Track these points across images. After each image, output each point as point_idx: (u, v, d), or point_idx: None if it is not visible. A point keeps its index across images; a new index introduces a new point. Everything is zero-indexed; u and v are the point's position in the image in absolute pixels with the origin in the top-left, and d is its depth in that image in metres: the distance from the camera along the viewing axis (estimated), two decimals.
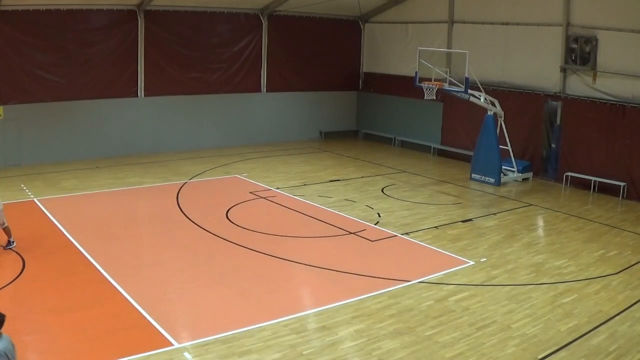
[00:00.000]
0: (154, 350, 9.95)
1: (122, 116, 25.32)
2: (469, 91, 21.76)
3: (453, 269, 14.04)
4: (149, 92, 25.82)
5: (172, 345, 10.19)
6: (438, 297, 12.49)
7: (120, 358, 9.65)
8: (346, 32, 31.32)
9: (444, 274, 13.72)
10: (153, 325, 10.84)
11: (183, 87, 26.66)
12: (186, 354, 9.89)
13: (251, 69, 28.56)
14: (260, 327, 10.90)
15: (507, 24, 24.73)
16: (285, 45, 29.29)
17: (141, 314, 11.29)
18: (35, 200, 18.54)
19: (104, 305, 11.67)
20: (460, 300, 12.36)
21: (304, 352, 10.08)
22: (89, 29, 23.96)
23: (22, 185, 20.05)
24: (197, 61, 26.89)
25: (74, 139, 24.25)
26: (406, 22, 29.14)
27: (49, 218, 16.84)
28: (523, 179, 23.21)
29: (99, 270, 13.26)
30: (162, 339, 10.36)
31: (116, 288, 12.39)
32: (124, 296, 12.03)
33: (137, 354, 9.81)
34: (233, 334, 10.61)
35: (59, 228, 16.00)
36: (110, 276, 12.94)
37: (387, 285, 12.94)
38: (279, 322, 11.10)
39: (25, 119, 22.96)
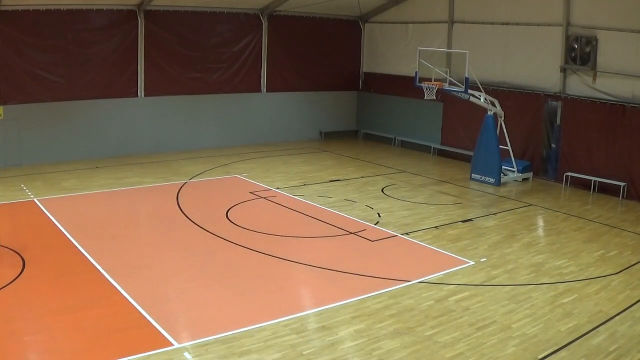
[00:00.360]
0: (154, 350, 9.95)
1: (122, 116, 25.31)
2: (469, 91, 21.76)
3: (453, 269, 14.04)
4: (149, 92, 25.82)
5: (172, 345, 10.19)
6: (438, 297, 12.49)
7: (120, 358, 9.65)
8: (346, 32, 31.31)
9: (444, 274, 13.72)
10: (153, 325, 10.83)
11: (183, 87, 26.65)
12: (186, 354, 9.89)
13: (251, 69, 28.55)
14: (260, 327, 10.90)
15: (507, 24, 24.73)
16: (285, 45, 29.28)
17: (141, 314, 11.29)
18: (35, 200, 18.54)
19: (104, 305, 11.67)
20: (460, 300, 12.36)
21: (304, 352, 10.08)
22: (89, 29, 23.94)
23: (22, 185, 20.04)
24: (197, 61, 26.89)
25: (74, 139, 24.24)
26: (406, 22, 29.14)
27: (49, 218, 16.83)
28: (523, 179, 23.20)
29: (99, 270, 13.26)
30: (162, 339, 10.36)
31: (116, 288, 12.39)
32: (124, 296, 12.03)
33: (137, 354, 9.81)
34: (233, 334, 10.61)
35: (59, 228, 15.99)
36: (110, 276, 12.94)
37: (387, 285, 12.94)
38: (279, 322, 11.10)
39: (25, 119, 22.96)
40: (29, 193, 19.23)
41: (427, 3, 28.04)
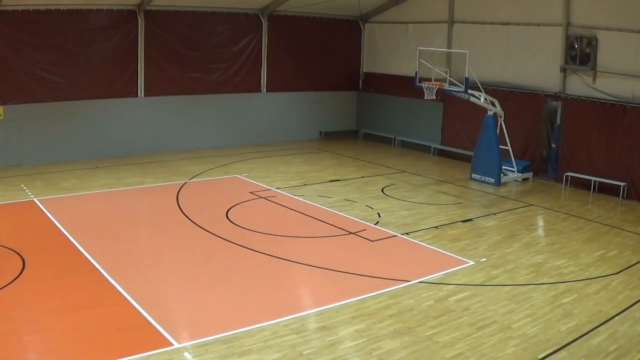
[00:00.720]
0: (154, 350, 9.95)
1: (122, 116, 25.30)
2: (469, 91, 21.77)
3: (453, 269, 14.04)
4: (149, 92, 25.81)
5: (172, 345, 10.19)
6: (438, 297, 12.49)
7: (120, 358, 9.65)
8: (346, 32, 31.31)
9: (444, 274, 13.72)
10: (153, 325, 10.84)
11: (183, 87, 26.65)
12: (186, 354, 9.89)
13: (251, 69, 28.55)
14: (260, 327, 10.90)
15: (507, 24, 24.73)
16: (285, 45, 29.28)
17: (141, 314, 11.29)
18: (35, 200, 18.53)
19: (104, 305, 11.66)
20: (460, 300, 12.36)
21: (304, 352, 10.08)
22: (89, 29, 23.94)
23: (22, 185, 20.03)
24: (197, 61, 26.89)
25: (74, 139, 24.23)
26: (406, 22, 29.14)
27: (49, 218, 16.83)
28: (523, 179, 23.20)
29: (99, 270, 13.26)
30: (162, 339, 10.36)
31: (116, 288, 12.39)
32: (124, 296, 12.03)
33: (137, 354, 9.80)
34: (233, 334, 10.61)
35: (59, 228, 15.99)
36: (110, 276, 12.93)
37: (387, 285, 12.94)
38: (279, 322, 11.10)
39: (25, 119, 22.96)
40: (29, 193, 19.23)
41: (427, 3, 28.04)
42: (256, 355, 9.93)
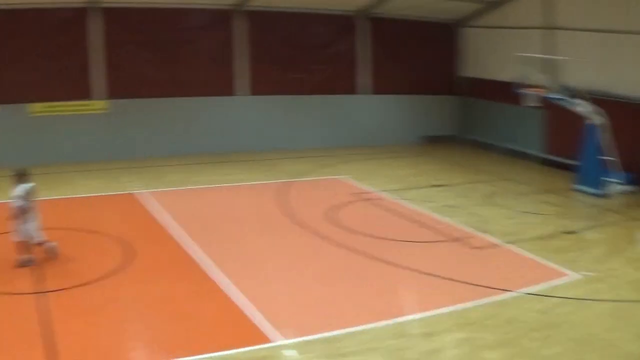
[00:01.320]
0: (253, 345, 10.23)
1: (225, 114, 26.13)
2: (573, 99, 21.28)
3: (557, 281, 13.70)
4: (253, 91, 26.51)
5: (273, 341, 10.41)
6: (541, 309, 12.22)
7: (219, 351, 9.95)
8: (446, 36, 30.99)
9: (547, 286, 13.39)
10: (254, 322, 11.11)
11: (285, 87, 27.02)
12: (287, 352, 10.08)
13: (352, 70, 28.76)
14: (362, 329, 10.95)
15: (613, 31, 23.93)
16: (386, 47, 29.30)
17: (242, 309, 11.60)
18: (140, 193, 19.38)
19: (205, 299, 12.12)
20: (564, 314, 12.05)
21: (405, 358, 10.08)
22: (190, 27, 25.16)
23: (127, 179, 20.83)
24: (298, 62, 27.23)
25: (180, 134, 25.09)
26: (507, 27, 28.59)
27: (156, 211, 17.49)
28: (629, 191, 22.48)
29: (203, 264, 13.72)
30: (261, 335, 10.61)
31: (219, 283, 12.80)
32: (226, 291, 12.41)
33: (237, 349, 10.07)
34: (334, 334, 10.71)
35: (165, 221, 16.60)
36: (213, 271, 13.37)
37: (490, 294, 12.77)
38: (380, 326, 11.13)
39: (131, 114, 23.93)
40: (134, 186, 19.99)
41: (526, 9, 27.43)
42: (357, 357, 9.99)
